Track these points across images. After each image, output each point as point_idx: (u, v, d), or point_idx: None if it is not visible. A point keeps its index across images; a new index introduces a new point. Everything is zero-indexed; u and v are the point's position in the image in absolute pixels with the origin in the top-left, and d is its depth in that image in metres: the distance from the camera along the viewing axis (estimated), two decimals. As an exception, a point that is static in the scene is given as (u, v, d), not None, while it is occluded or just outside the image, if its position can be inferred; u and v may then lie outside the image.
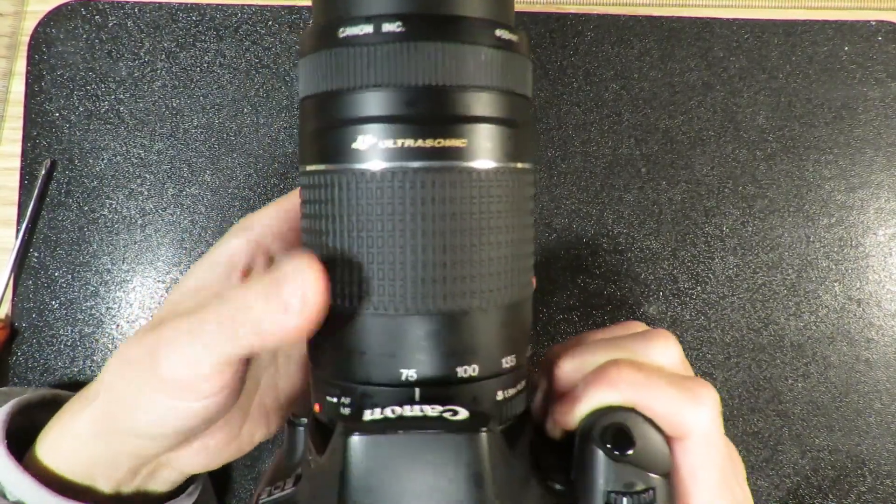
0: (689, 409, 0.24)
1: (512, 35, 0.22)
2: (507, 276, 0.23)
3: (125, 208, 0.40)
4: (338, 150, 0.21)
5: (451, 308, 0.21)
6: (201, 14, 0.41)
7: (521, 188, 0.23)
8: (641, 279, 0.41)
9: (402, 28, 0.20)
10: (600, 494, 0.22)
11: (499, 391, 0.23)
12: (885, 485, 0.40)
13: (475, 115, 0.21)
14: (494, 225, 0.22)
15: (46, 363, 0.40)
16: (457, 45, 0.20)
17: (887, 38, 0.41)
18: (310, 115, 0.22)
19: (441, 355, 0.21)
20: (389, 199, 0.21)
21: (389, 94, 0.20)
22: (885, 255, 0.41)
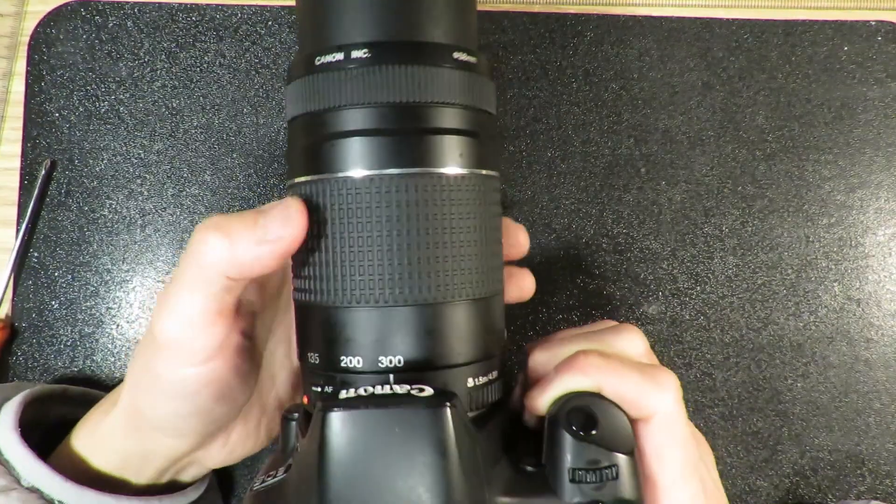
0: (651, 392, 0.25)
1: (470, 57, 0.25)
2: (477, 272, 0.25)
3: (125, 208, 0.41)
4: (323, 161, 0.24)
5: (427, 300, 0.24)
6: (201, 14, 0.41)
7: (487, 193, 0.25)
8: (641, 279, 0.41)
9: (369, 54, 0.23)
10: (566, 472, 0.24)
11: (469, 378, 0.25)
12: (885, 485, 0.40)
13: (440, 126, 0.24)
14: (464, 225, 0.24)
15: (46, 363, 0.40)
16: (418, 66, 0.23)
17: (887, 38, 0.41)
18: (296, 133, 0.25)
19: (416, 344, 0.24)
20: (369, 203, 0.23)
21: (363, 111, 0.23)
22: (884, 255, 0.41)
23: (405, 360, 0.24)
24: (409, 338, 0.24)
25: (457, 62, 0.24)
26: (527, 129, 0.41)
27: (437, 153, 0.24)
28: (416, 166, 0.23)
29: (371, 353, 0.24)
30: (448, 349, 0.24)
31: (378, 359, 0.24)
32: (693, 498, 0.26)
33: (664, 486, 0.26)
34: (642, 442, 0.26)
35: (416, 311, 0.24)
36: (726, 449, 0.40)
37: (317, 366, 0.25)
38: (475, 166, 0.25)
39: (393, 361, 0.24)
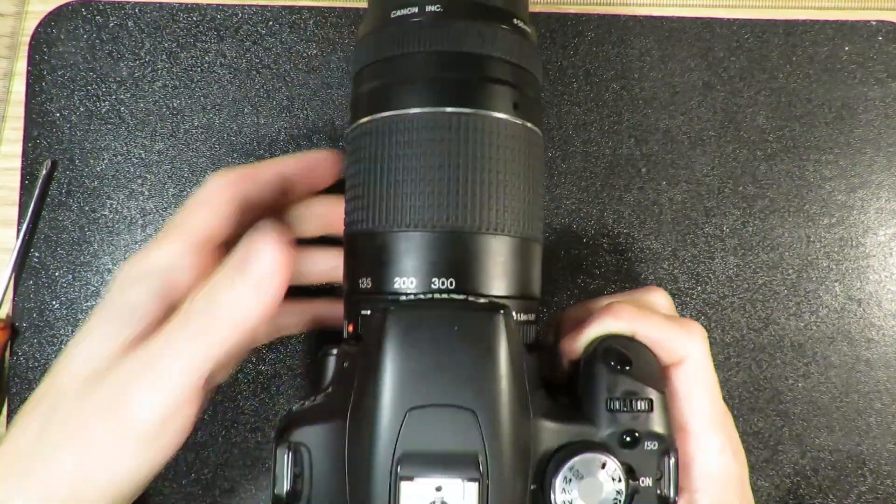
0: (682, 337, 0.27)
1: (527, 26, 0.28)
2: (521, 214, 0.26)
3: (126, 208, 0.41)
4: (388, 100, 0.26)
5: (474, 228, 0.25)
6: (202, 14, 0.41)
7: (532, 146, 0.27)
8: (641, 279, 0.41)
9: (441, 9, 0.26)
10: (603, 402, 0.25)
11: (515, 312, 0.26)
12: (886, 485, 0.40)
13: (495, 76, 0.26)
14: (510, 168, 0.26)
15: (47, 363, 0.40)
16: (483, 23, 0.26)
17: (888, 38, 0.41)
18: (362, 81, 0.28)
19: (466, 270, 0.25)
20: (429, 136, 0.25)
21: (430, 57, 0.26)
22: (885, 255, 0.41)
23: (457, 282, 0.25)
24: (460, 263, 0.25)
25: (515, 27, 0.28)
26: (527, 129, 0.41)
27: (490, 98, 0.26)
28: (471, 107, 0.25)
29: (425, 274, 0.25)
30: (494, 278, 0.26)
31: (431, 280, 0.25)
32: (721, 448, 0.27)
33: (694, 432, 0.27)
34: (674, 384, 0.27)
35: (465, 237, 0.25)
36: (727, 449, 0.40)
37: (369, 290, 0.26)
38: (522, 118, 0.27)
39: (445, 283, 0.25)
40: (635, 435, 0.25)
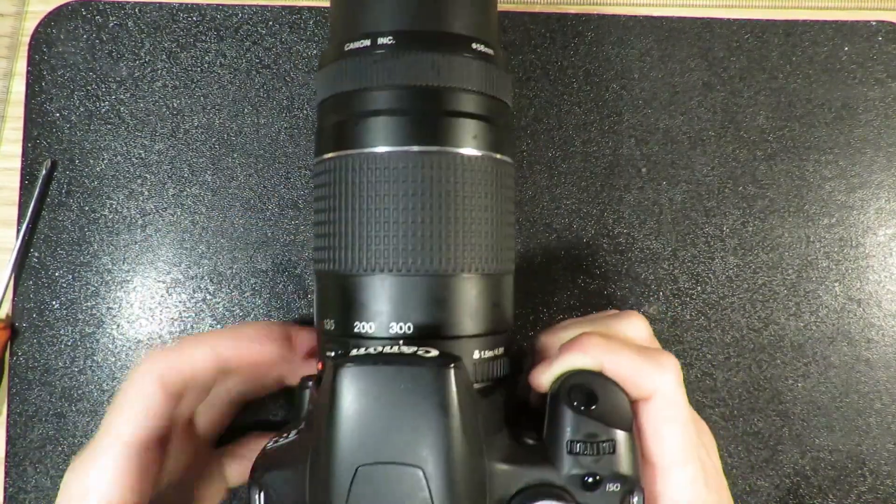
0: (651, 372, 0.26)
1: (488, 49, 0.27)
2: (488, 249, 0.26)
3: (126, 208, 0.41)
4: (349, 138, 0.26)
5: (438, 271, 0.25)
6: (202, 14, 0.41)
7: (501, 177, 0.27)
8: (641, 279, 0.41)
9: (394, 41, 0.25)
10: (564, 444, 0.25)
11: (476, 350, 0.26)
12: (886, 485, 0.40)
13: (457, 110, 0.26)
14: (477, 203, 0.26)
15: (47, 363, 0.40)
16: (437, 54, 0.25)
17: (888, 38, 0.41)
18: (326, 114, 0.27)
19: (426, 313, 0.25)
20: (389, 177, 0.25)
21: (388, 93, 0.25)
22: (885, 255, 0.41)
23: (415, 327, 0.25)
24: (420, 306, 0.25)
25: (475, 52, 0.26)
26: (527, 129, 0.41)
27: (454, 134, 0.25)
28: (434, 145, 0.25)
29: (384, 319, 0.25)
30: (456, 320, 0.25)
31: (390, 325, 0.25)
32: (692, 480, 0.26)
33: (663, 467, 0.26)
34: (642, 421, 0.26)
35: (429, 280, 0.25)
36: (727, 449, 0.40)
37: (332, 332, 0.26)
38: (489, 149, 0.26)
39: (403, 328, 0.25)
40: (597, 477, 0.25)
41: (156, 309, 0.40)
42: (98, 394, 0.40)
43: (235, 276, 0.40)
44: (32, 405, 0.40)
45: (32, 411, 0.40)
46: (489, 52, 0.27)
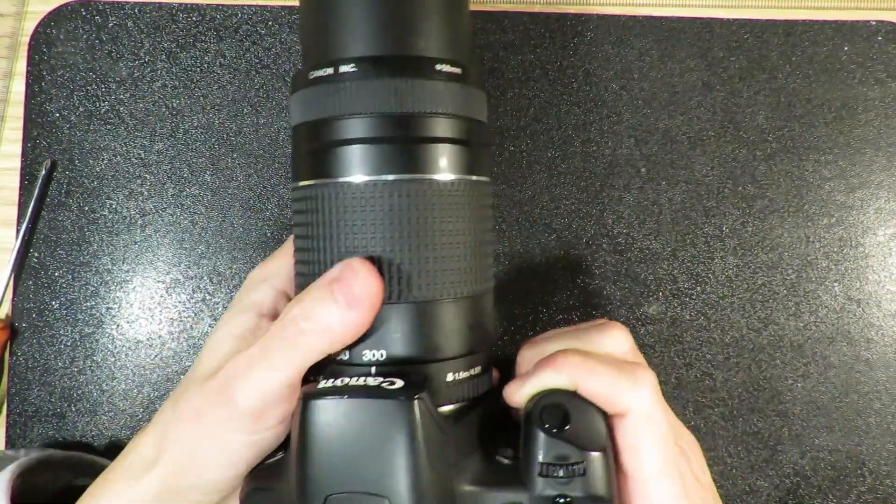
0: (625, 389, 0.26)
1: (455, 69, 0.26)
2: (464, 272, 0.26)
3: (125, 208, 0.41)
4: (323, 167, 0.26)
5: (413, 298, 0.25)
6: (201, 14, 0.41)
7: (478, 197, 0.27)
8: (641, 279, 0.41)
9: (355, 68, 0.25)
10: (536, 465, 0.25)
11: (449, 373, 0.26)
12: (885, 485, 0.40)
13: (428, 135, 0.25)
14: (453, 228, 0.26)
15: (47, 363, 0.40)
16: (401, 79, 0.25)
17: (887, 38, 0.41)
18: (299, 140, 0.27)
19: (397, 340, 0.25)
20: (364, 206, 0.25)
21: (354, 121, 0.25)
22: (885, 255, 0.41)
23: (388, 354, 0.25)
24: (392, 334, 0.25)
25: (441, 74, 0.26)
26: (527, 129, 0.41)
27: (426, 160, 0.25)
28: (407, 172, 0.25)
29: (358, 347, 0.25)
30: (429, 345, 0.26)
31: (363, 352, 0.25)
32: (672, 495, 0.26)
33: (641, 481, 0.26)
34: (618, 438, 0.26)
35: (402, 308, 0.25)
36: (727, 449, 0.40)
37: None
38: (464, 173, 0.26)
39: (376, 355, 0.25)
40: (567, 499, 0.25)
41: (155, 309, 0.40)
42: (98, 394, 0.40)
43: (235, 276, 0.40)
44: (32, 405, 0.40)
45: (32, 411, 0.40)
46: (456, 72, 0.26)
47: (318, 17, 0.27)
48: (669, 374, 0.40)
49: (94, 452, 0.40)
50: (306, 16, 0.28)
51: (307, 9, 0.28)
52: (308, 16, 0.28)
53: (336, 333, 0.25)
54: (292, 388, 0.25)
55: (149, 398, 0.40)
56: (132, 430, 0.40)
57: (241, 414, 0.25)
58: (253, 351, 0.26)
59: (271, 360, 0.25)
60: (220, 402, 0.25)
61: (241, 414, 0.25)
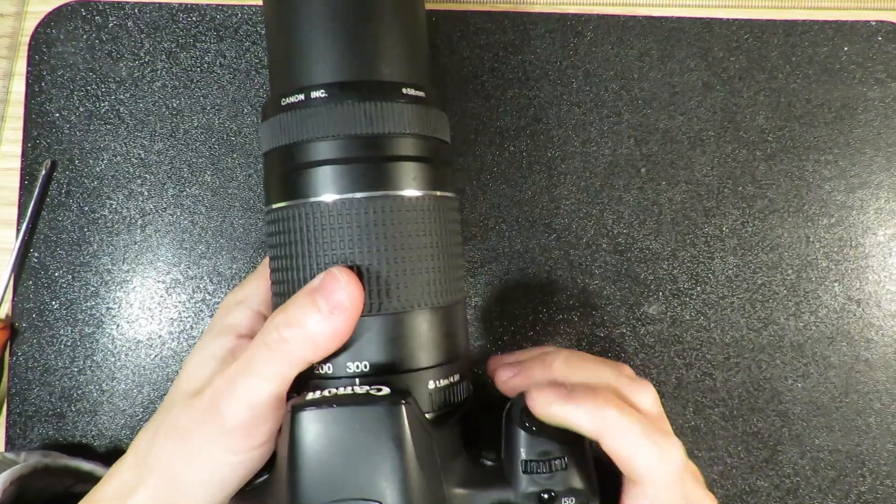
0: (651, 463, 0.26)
1: (419, 92, 0.28)
2: (436, 284, 0.27)
3: (125, 208, 0.41)
4: (295, 188, 0.27)
5: (389, 309, 0.26)
6: (201, 14, 0.41)
7: (444, 211, 0.28)
8: (641, 279, 0.41)
9: (326, 94, 0.26)
10: (519, 464, 0.26)
11: (430, 381, 0.27)
12: (885, 485, 0.40)
13: (395, 154, 0.27)
14: (423, 241, 0.27)
15: (46, 363, 0.40)
16: (370, 103, 0.26)
17: (887, 38, 0.41)
18: (271, 165, 0.28)
19: (379, 351, 0.26)
20: (337, 223, 0.26)
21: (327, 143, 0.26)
22: (884, 255, 0.41)
23: (371, 364, 0.26)
24: (373, 345, 0.26)
25: (406, 97, 0.27)
26: (527, 129, 0.41)
27: (394, 178, 0.26)
28: (377, 190, 0.26)
29: (340, 359, 0.26)
30: (410, 354, 0.27)
31: (346, 364, 0.26)
32: None
33: None
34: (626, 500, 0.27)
35: (381, 319, 0.26)
36: (727, 449, 0.40)
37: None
38: (430, 188, 0.27)
39: (360, 367, 0.26)
40: (552, 493, 0.26)
41: (155, 309, 0.40)
42: (98, 394, 0.40)
43: (235, 276, 0.40)
44: (32, 405, 0.40)
45: (32, 411, 0.40)
46: (420, 95, 0.28)
47: (285, 46, 0.28)
48: (669, 374, 0.40)
49: (95, 453, 0.40)
50: (274, 45, 0.29)
51: (274, 38, 0.29)
52: (275, 45, 0.29)
53: (319, 340, 0.25)
54: (278, 402, 0.25)
55: (149, 398, 0.40)
56: (132, 429, 0.40)
57: (229, 431, 0.25)
58: (237, 365, 0.26)
59: (255, 371, 0.25)
60: (207, 420, 0.25)
61: (230, 431, 0.25)
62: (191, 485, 0.25)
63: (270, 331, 0.25)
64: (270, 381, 0.25)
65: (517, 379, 0.30)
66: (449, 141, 0.30)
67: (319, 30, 0.27)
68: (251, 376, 0.25)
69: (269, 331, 0.25)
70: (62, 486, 0.35)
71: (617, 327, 0.40)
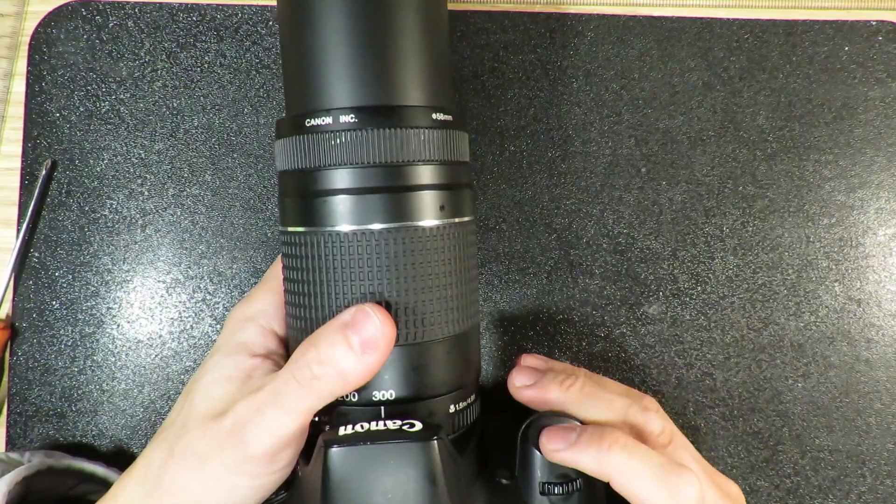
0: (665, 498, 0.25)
1: (446, 116, 0.27)
2: (456, 311, 0.27)
3: (126, 208, 0.41)
4: (313, 215, 0.26)
5: (411, 339, 0.26)
6: (202, 14, 0.41)
7: (463, 237, 0.28)
8: (641, 279, 0.41)
9: (355, 119, 0.25)
10: (537, 485, 0.27)
11: (451, 405, 0.28)
12: (886, 485, 0.40)
13: (418, 183, 0.26)
14: (443, 270, 0.27)
15: (47, 363, 0.40)
16: (399, 129, 0.26)
17: (888, 38, 0.41)
18: (288, 185, 0.28)
19: (404, 380, 0.26)
20: (355, 254, 0.26)
21: (350, 171, 0.26)
22: (885, 255, 0.41)
23: (396, 394, 0.26)
24: (397, 374, 0.26)
25: (434, 122, 0.27)
26: (527, 128, 0.41)
27: (415, 208, 0.26)
28: (397, 221, 0.26)
29: (365, 388, 0.26)
30: (432, 382, 0.27)
31: (372, 393, 0.26)
32: None
33: None
34: None
35: (404, 350, 0.26)
36: (727, 449, 0.40)
37: None
38: (451, 216, 0.27)
39: (385, 395, 0.26)
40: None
41: (156, 309, 0.40)
42: (98, 394, 0.40)
43: (236, 276, 0.40)
44: (32, 405, 0.40)
45: (32, 411, 0.40)
46: (442, 119, 0.27)
47: (302, 66, 0.27)
48: (670, 374, 0.40)
49: (95, 452, 0.40)
50: (290, 63, 0.28)
51: (291, 56, 0.28)
52: (292, 63, 0.28)
53: (350, 378, 0.25)
54: (303, 430, 0.26)
55: (149, 398, 0.40)
56: (133, 429, 0.40)
57: (252, 458, 0.25)
58: (263, 396, 0.25)
59: (283, 405, 0.25)
60: (229, 446, 0.25)
61: (254, 458, 0.25)
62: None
63: (301, 367, 0.25)
64: (296, 414, 0.25)
65: (531, 391, 0.30)
66: (468, 160, 0.29)
67: (347, 48, 0.26)
68: (279, 410, 0.25)
69: (301, 367, 0.25)
70: (65, 487, 0.35)
71: (617, 327, 0.40)
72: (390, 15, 0.26)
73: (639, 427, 0.28)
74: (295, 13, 0.27)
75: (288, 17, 0.28)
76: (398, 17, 0.26)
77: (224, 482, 0.25)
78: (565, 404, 0.29)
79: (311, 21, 0.26)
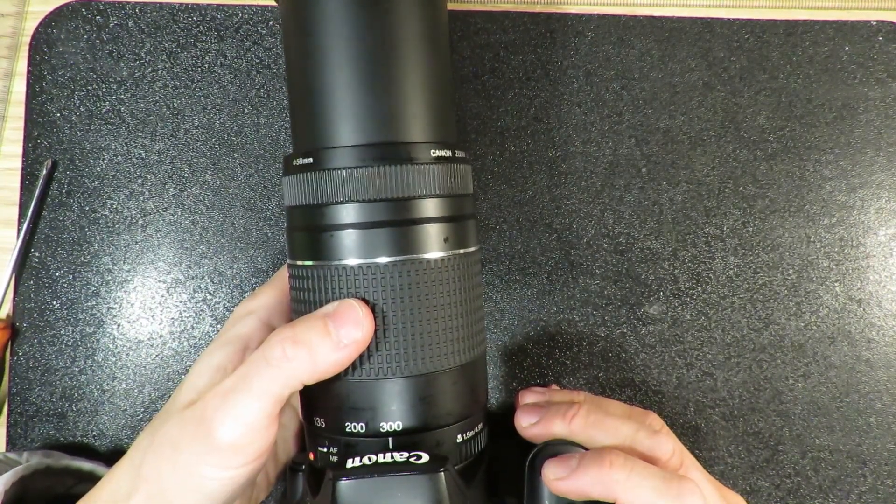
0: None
1: (447, 151, 0.28)
2: (462, 341, 0.28)
3: (126, 208, 0.41)
4: (320, 249, 0.27)
5: (418, 371, 0.27)
6: (202, 14, 0.41)
7: (468, 267, 0.28)
8: (642, 279, 0.41)
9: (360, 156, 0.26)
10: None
11: (458, 434, 0.28)
12: (886, 485, 0.40)
13: (422, 217, 0.27)
14: (448, 301, 0.27)
15: (47, 363, 0.40)
16: (401, 166, 0.26)
17: (888, 38, 0.41)
18: (295, 219, 0.28)
19: (411, 411, 0.27)
20: (362, 287, 0.26)
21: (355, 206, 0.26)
22: (885, 255, 0.41)
23: (403, 425, 0.27)
24: (405, 405, 0.27)
25: (436, 157, 0.27)
26: (528, 128, 0.41)
27: (420, 241, 0.27)
28: (402, 254, 0.26)
29: (372, 419, 0.27)
30: (439, 412, 0.27)
31: (379, 424, 0.27)
32: None
33: None
34: None
35: (411, 381, 0.27)
36: (727, 449, 0.40)
37: (323, 429, 0.28)
38: (455, 248, 0.28)
39: (393, 426, 0.27)
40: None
41: (156, 309, 0.40)
42: (98, 394, 0.40)
43: (236, 276, 0.40)
44: (32, 405, 0.40)
45: (32, 411, 0.40)
46: (445, 154, 0.28)
47: (310, 104, 0.27)
48: (670, 374, 0.40)
49: (95, 452, 0.40)
50: (297, 100, 0.28)
51: (298, 94, 0.28)
52: (299, 101, 0.28)
53: (320, 364, 0.25)
54: (271, 420, 0.25)
55: (150, 398, 0.40)
56: (133, 429, 0.40)
57: (218, 447, 0.25)
58: (231, 381, 0.25)
59: (250, 388, 0.25)
60: (197, 433, 0.25)
61: (219, 447, 0.25)
62: (179, 497, 0.25)
63: (274, 345, 0.25)
64: (264, 398, 0.25)
65: (536, 429, 0.30)
66: (472, 191, 0.30)
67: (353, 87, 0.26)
68: (245, 393, 0.25)
69: (273, 345, 0.25)
70: (63, 487, 0.35)
71: (618, 327, 0.40)
72: (396, 54, 0.27)
73: (649, 453, 0.29)
74: (301, 51, 0.28)
75: (294, 55, 0.28)
76: (403, 57, 0.27)
77: (194, 472, 0.25)
78: (572, 435, 0.29)
79: (317, 60, 0.27)
